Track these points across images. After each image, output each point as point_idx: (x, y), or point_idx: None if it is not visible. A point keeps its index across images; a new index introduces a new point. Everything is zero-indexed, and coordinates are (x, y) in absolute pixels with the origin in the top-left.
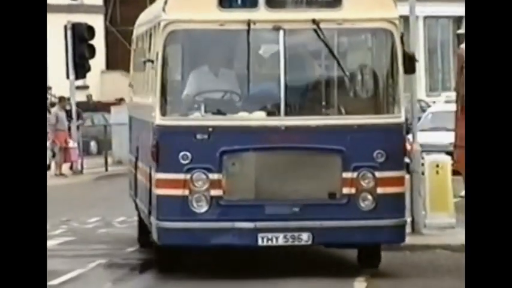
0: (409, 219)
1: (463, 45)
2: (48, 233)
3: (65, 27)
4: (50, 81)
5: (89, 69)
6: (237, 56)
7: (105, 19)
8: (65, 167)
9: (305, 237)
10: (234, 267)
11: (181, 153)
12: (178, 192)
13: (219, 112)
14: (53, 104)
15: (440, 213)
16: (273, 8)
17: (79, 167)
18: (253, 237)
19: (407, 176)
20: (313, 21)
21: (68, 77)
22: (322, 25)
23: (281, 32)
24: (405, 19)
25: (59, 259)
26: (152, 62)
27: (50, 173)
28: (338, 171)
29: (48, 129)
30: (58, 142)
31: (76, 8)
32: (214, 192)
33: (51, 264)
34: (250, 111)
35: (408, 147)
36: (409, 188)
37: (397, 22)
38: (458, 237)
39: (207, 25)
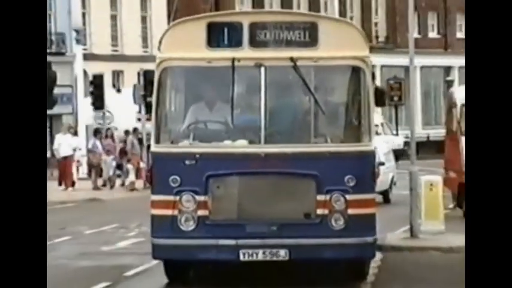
0: (408, 227)
1: (451, 89)
2: (124, 235)
3: (138, 73)
4: (124, 116)
5: None
6: (223, 90)
7: None
8: (138, 183)
9: (282, 254)
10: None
11: (172, 177)
12: (168, 212)
13: (205, 140)
14: (127, 133)
15: (433, 222)
16: (256, 47)
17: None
18: (235, 253)
19: (407, 192)
20: (291, 59)
21: (140, 111)
22: (299, 62)
23: (262, 69)
24: (406, 68)
25: (132, 256)
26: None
27: (124, 188)
28: (312, 194)
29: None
30: (134, 163)
31: (148, 58)
32: (201, 213)
33: (126, 259)
34: (234, 139)
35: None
36: (409, 201)
37: (368, 60)
38: (447, 240)
39: (197, 62)
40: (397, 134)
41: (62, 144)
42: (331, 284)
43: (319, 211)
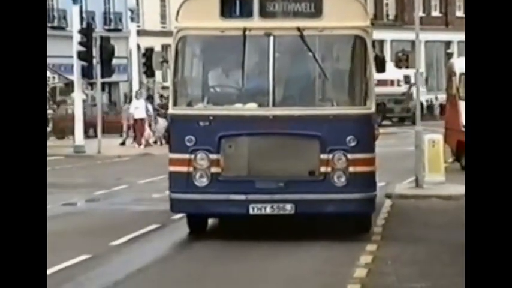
0: (413, 178)
1: (451, 60)
2: None
3: None
4: None
5: None
6: (235, 57)
7: None
8: None
9: (288, 208)
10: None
11: (187, 137)
12: (184, 169)
13: (218, 103)
14: None
15: (435, 174)
16: (265, 17)
17: None
18: (245, 207)
19: (412, 148)
20: (298, 28)
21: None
22: (305, 32)
23: (271, 38)
24: (412, 43)
25: None
26: (167, 62)
27: None
28: (316, 153)
29: None
30: None
31: None
32: (214, 170)
33: None
34: (244, 102)
35: (377, 133)
36: (415, 156)
37: (369, 30)
38: (447, 189)
39: (211, 32)
40: None
41: (139, 108)
42: (335, 236)
43: (323, 169)
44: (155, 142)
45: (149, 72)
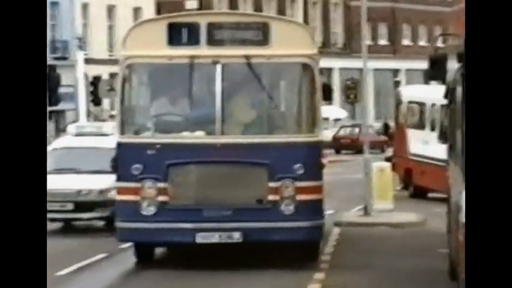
0: (362, 206)
1: (399, 88)
2: None
3: None
4: None
5: None
6: (182, 85)
7: None
8: None
9: (237, 236)
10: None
11: (135, 166)
12: (131, 198)
13: (166, 131)
14: None
15: (383, 202)
16: (213, 45)
17: None
18: (192, 236)
19: (361, 176)
20: (245, 56)
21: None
22: (253, 60)
23: (219, 66)
24: (360, 70)
25: None
26: (114, 90)
27: None
28: (264, 181)
29: None
30: None
31: None
32: (161, 198)
33: None
34: (192, 131)
35: (324, 161)
36: (364, 184)
37: (316, 58)
38: (395, 217)
39: (158, 60)
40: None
41: None
42: (284, 265)
43: (271, 197)
44: None
45: (96, 100)
